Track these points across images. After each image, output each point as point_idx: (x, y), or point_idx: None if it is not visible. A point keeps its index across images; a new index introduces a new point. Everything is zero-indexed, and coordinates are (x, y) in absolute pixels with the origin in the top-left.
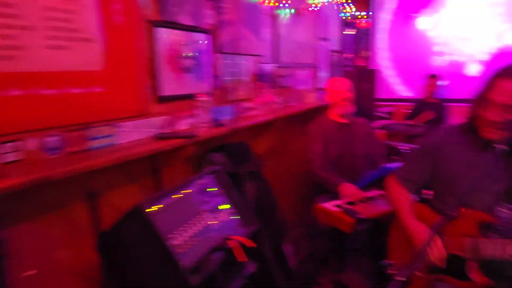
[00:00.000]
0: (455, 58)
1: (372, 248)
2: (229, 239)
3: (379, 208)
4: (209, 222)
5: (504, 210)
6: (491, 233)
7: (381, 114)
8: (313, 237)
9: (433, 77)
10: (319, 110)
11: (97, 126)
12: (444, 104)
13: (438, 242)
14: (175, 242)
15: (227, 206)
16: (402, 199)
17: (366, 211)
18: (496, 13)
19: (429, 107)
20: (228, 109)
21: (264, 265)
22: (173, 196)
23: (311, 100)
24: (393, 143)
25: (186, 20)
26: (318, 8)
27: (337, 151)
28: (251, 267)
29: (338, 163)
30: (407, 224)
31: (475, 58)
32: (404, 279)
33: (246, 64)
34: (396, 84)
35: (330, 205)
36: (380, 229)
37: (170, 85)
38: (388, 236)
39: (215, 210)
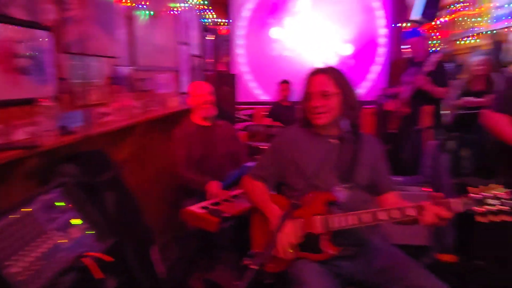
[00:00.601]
0: (301, 64)
1: (239, 243)
2: (83, 256)
3: (242, 205)
4: (58, 241)
5: (340, 189)
6: (336, 209)
7: (242, 117)
8: (182, 240)
9: (285, 82)
10: (183, 114)
11: None
12: (296, 106)
13: (287, 228)
14: (13, 269)
15: (80, 221)
16: (257, 190)
17: (230, 209)
18: (335, 28)
19: (284, 109)
20: (79, 115)
21: (129, 277)
22: (10, 217)
23: (174, 104)
24: (254, 143)
25: (20, 14)
26: (178, 12)
27: (200, 153)
28: (111, 283)
29: (203, 165)
30: (266, 211)
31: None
32: (257, 267)
33: (99, 66)
34: (254, 88)
35: (196, 208)
36: (245, 224)
37: (0, 89)
38: (250, 228)
39: (65, 227)
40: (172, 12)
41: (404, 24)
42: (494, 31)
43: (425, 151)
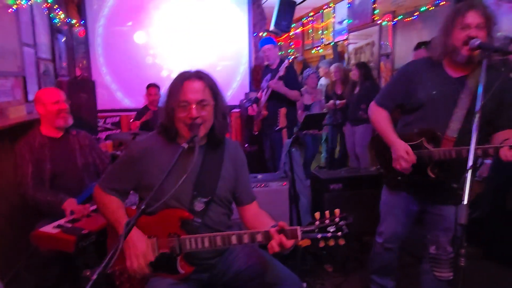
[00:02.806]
0: (166, 69)
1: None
2: None
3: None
4: None
5: (198, 204)
6: (191, 227)
7: (107, 126)
8: (37, 268)
9: (153, 86)
10: (31, 125)
11: None
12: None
13: (141, 248)
14: None
15: None
16: (109, 205)
17: (90, 225)
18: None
19: (153, 115)
20: None
21: None
22: None
23: (19, 114)
24: (120, 152)
25: None
26: (18, 10)
27: (52, 168)
28: None
29: (58, 181)
30: (118, 229)
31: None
32: (94, 277)
33: None
34: (119, 95)
35: (48, 228)
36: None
37: None
38: (107, 243)
39: None
40: (11, 10)
41: (263, 34)
42: (336, 43)
43: (282, 149)
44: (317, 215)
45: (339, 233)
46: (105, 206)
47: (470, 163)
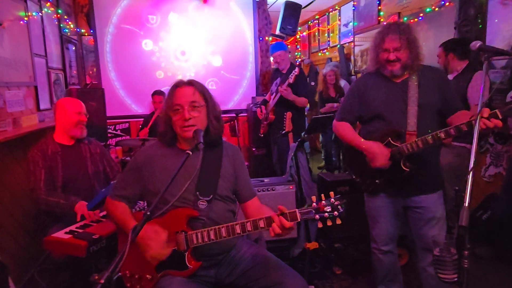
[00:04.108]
0: (173, 75)
1: None
2: None
3: (113, 224)
4: None
5: (201, 203)
6: (197, 224)
7: (117, 132)
8: (50, 273)
9: (159, 94)
10: (42, 133)
11: None
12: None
13: (154, 247)
14: None
15: None
16: (118, 212)
17: (100, 230)
18: (205, 41)
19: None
20: None
21: None
22: None
23: (32, 123)
24: (130, 158)
25: None
26: (30, 21)
27: (64, 175)
28: None
29: (69, 187)
30: (127, 231)
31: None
32: (102, 281)
33: None
34: (127, 102)
35: (61, 234)
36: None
37: None
38: (118, 248)
39: None
40: (23, 22)
41: (269, 38)
42: (342, 45)
43: (288, 153)
44: (313, 198)
45: (335, 213)
46: (113, 212)
47: (471, 165)
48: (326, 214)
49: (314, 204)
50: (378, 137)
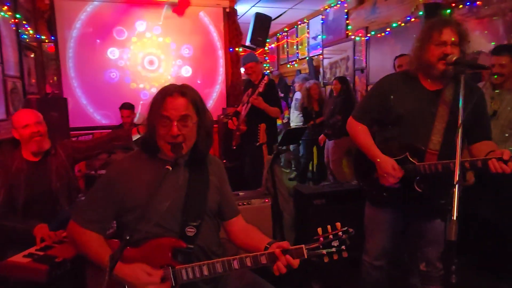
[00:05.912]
0: (139, 85)
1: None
2: None
3: None
4: None
5: (189, 230)
6: (185, 256)
7: None
8: None
9: (128, 108)
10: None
11: None
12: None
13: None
14: None
15: None
16: (91, 244)
17: (65, 252)
18: (174, 51)
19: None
20: None
21: None
22: None
23: None
24: (95, 172)
25: None
26: None
27: (28, 194)
28: None
29: (33, 207)
30: (102, 265)
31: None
32: None
33: None
34: (91, 112)
35: (19, 258)
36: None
37: None
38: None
39: None
40: None
41: (239, 49)
42: (311, 57)
43: (263, 165)
44: (320, 230)
45: (343, 247)
46: (84, 243)
47: (456, 177)
48: (334, 249)
49: (322, 238)
50: (396, 149)
